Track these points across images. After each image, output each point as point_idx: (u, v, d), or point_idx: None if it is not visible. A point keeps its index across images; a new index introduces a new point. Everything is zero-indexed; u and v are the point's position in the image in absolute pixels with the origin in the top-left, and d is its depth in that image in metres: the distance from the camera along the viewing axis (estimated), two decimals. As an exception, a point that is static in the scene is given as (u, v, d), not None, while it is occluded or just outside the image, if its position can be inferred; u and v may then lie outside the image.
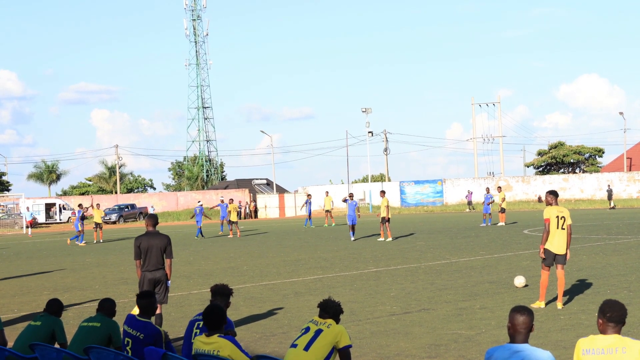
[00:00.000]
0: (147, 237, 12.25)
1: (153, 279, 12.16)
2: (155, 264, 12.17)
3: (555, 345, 10.51)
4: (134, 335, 8.58)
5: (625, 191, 73.16)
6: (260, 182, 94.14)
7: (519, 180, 78.54)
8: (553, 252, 14.04)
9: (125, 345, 8.59)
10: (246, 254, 28.01)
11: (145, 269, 12.17)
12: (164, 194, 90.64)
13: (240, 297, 16.39)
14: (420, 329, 12.21)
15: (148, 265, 12.16)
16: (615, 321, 6.21)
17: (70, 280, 21.50)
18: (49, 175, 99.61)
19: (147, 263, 12.16)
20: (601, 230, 33.51)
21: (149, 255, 12.15)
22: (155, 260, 12.17)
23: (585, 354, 6.17)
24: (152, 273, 12.16)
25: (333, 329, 7.75)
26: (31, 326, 9.15)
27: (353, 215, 34.19)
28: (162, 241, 12.23)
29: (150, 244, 12.17)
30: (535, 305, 13.83)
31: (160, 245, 12.20)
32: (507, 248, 26.08)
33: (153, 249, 12.16)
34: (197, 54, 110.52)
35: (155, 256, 12.16)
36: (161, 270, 12.23)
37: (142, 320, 8.73)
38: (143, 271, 12.18)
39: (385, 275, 19.52)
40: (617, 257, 21.70)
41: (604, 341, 6.13)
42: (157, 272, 12.19)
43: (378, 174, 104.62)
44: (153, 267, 12.17)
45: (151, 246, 12.16)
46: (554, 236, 14.04)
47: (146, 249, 12.17)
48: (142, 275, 12.19)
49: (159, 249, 12.18)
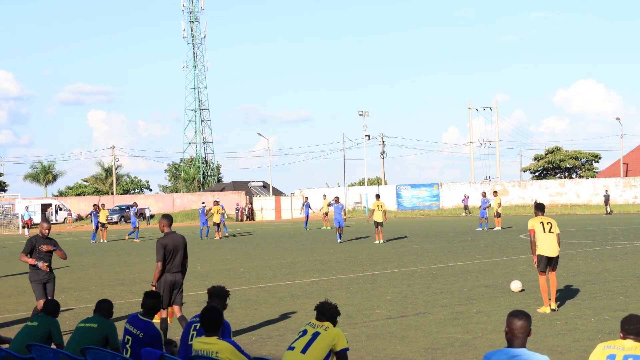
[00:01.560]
0: (172, 238, 11.83)
1: (173, 281, 11.79)
2: (177, 265, 11.82)
3: (551, 350, 10.53)
4: (134, 334, 8.61)
5: (622, 197, 73.22)
6: (256, 184, 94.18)
7: (515, 185, 78.60)
8: (546, 256, 14.12)
9: (125, 343, 8.62)
10: (242, 256, 28.00)
11: (167, 270, 11.76)
12: (161, 196, 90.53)
13: (237, 300, 16.40)
14: (416, 333, 12.22)
15: (171, 267, 11.77)
16: (634, 334, 6.43)
17: (66, 281, 21.47)
18: (45, 175, 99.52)
19: (171, 265, 11.77)
20: (597, 236, 33.56)
21: (173, 257, 11.78)
22: (178, 261, 11.83)
23: (605, 349, 6.42)
24: (173, 275, 11.78)
25: (330, 332, 7.75)
26: (28, 327, 9.16)
27: (339, 218, 35.70)
28: (183, 241, 11.93)
29: (176, 244, 11.80)
30: (541, 311, 13.87)
31: (183, 245, 11.91)
32: (504, 252, 26.10)
33: (179, 250, 11.82)
34: (194, 56, 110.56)
35: (179, 257, 11.83)
36: (180, 274, 11.88)
37: (144, 319, 8.79)
38: (165, 273, 11.77)
39: (381, 279, 19.53)
40: (614, 262, 21.73)
41: (626, 343, 6.40)
42: (177, 275, 11.84)
43: (374, 177, 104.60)
44: (175, 269, 11.79)
45: (177, 247, 11.80)
46: (543, 241, 14.13)
47: (172, 250, 11.75)
48: (162, 277, 11.75)
49: (182, 249, 11.88)
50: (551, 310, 13.90)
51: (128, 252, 32.97)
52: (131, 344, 8.57)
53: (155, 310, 8.97)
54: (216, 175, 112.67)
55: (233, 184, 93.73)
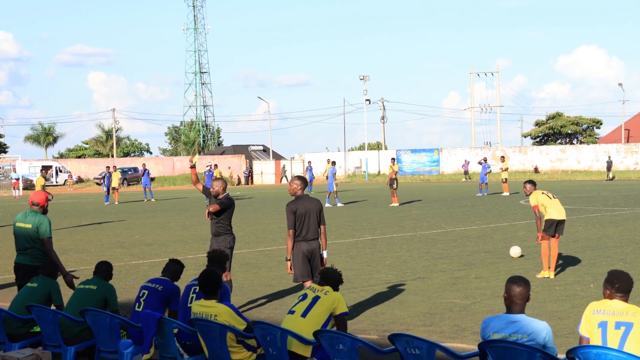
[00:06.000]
0: (302, 202, 10.64)
1: (310, 249, 10.64)
2: (314, 232, 10.65)
3: (550, 316, 10.55)
4: (152, 288, 8.73)
5: (623, 163, 73.15)
6: (256, 148, 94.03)
7: (515, 151, 78.48)
8: (556, 219, 14.07)
9: (140, 297, 8.67)
10: (242, 220, 28.01)
11: (302, 238, 10.59)
12: (161, 159, 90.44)
13: (236, 263, 16.40)
14: (415, 298, 12.24)
15: (306, 235, 10.59)
16: (623, 291, 6.34)
17: (66, 242, 21.49)
18: (46, 137, 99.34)
19: (306, 232, 10.58)
20: (598, 202, 33.54)
21: (306, 223, 10.59)
22: (314, 228, 10.64)
23: (596, 313, 6.31)
24: (308, 243, 10.64)
25: (330, 296, 7.76)
26: (28, 288, 9.16)
27: (331, 181, 36.67)
28: (318, 205, 10.74)
29: (308, 209, 10.60)
30: (540, 276, 13.89)
31: (317, 210, 10.70)
32: (503, 218, 26.11)
33: (311, 215, 10.59)
34: (195, 19, 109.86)
35: (313, 223, 10.63)
36: (317, 241, 10.70)
37: (164, 278, 8.93)
38: (300, 241, 10.62)
39: (381, 244, 19.55)
40: (614, 228, 21.74)
41: (615, 305, 6.29)
42: (313, 243, 10.69)
43: (375, 142, 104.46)
44: (312, 236, 10.63)
45: (308, 211, 10.58)
46: (551, 207, 14.12)
47: (302, 215, 10.55)
48: (296, 245, 10.61)
49: (316, 214, 10.65)
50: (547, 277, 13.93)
51: (128, 214, 32.98)
52: (146, 297, 8.64)
53: (177, 275, 9.06)
54: (216, 138, 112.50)
55: (233, 147, 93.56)
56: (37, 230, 9.96)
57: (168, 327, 7.70)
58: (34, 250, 10.01)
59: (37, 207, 10.19)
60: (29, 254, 10.02)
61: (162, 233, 23.85)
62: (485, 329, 6.38)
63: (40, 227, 9.97)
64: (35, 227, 9.97)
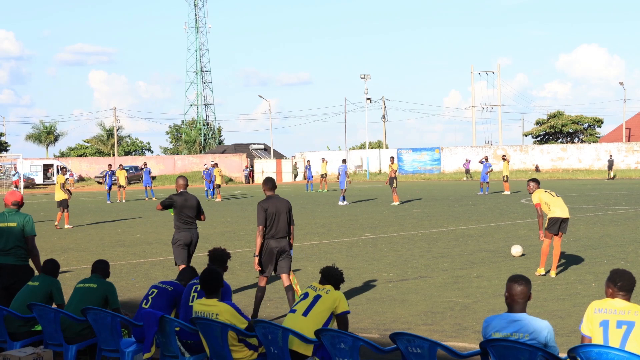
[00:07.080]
0: (273, 202, 10.90)
1: (277, 247, 10.87)
2: (282, 230, 10.90)
3: (551, 315, 10.55)
4: (162, 288, 8.79)
5: (624, 162, 73.09)
6: (257, 147, 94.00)
7: (517, 150, 78.43)
8: (560, 217, 14.05)
9: (149, 295, 8.71)
10: (243, 219, 28.02)
11: (271, 236, 10.85)
12: (162, 157, 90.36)
13: (237, 262, 16.43)
14: (416, 297, 12.23)
15: (275, 233, 10.85)
16: (625, 290, 6.33)
17: (67, 241, 21.50)
18: (47, 136, 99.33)
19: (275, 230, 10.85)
20: (599, 201, 33.53)
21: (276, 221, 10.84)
22: (283, 226, 10.90)
23: (598, 312, 6.30)
24: (277, 241, 10.90)
25: (332, 295, 7.76)
26: (29, 286, 9.16)
27: (342, 179, 36.17)
28: (287, 205, 11.00)
29: (278, 208, 10.87)
30: (537, 273, 13.89)
31: (287, 210, 10.95)
32: (504, 217, 26.10)
33: (281, 214, 10.89)
34: (196, 17, 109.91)
35: (283, 222, 10.88)
36: (286, 239, 10.94)
37: (176, 281, 9.02)
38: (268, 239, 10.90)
39: (382, 242, 19.54)
40: (615, 227, 21.73)
41: (617, 304, 6.27)
42: (282, 241, 10.93)
43: (376, 141, 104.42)
44: (280, 234, 10.87)
45: (279, 210, 10.87)
46: (555, 205, 14.10)
47: (273, 214, 10.81)
48: (265, 242, 10.88)
49: (285, 214, 10.91)
50: (546, 273, 13.92)
51: (129, 212, 32.98)
52: (155, 295, 8.69)
53: (188, 280, 9.05)
54: (217, 137, 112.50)
55: (234, 146, 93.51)
56: (23, 228, 9.99)
57: (169, 325, 7.70)
58: (18, 249, 9.99)
59: (17, 206, 10.23)
60: (14, 253, 9.99)
61: (163, 232, 23.85)
62: (486, 328, 6.38)
63: (27, 226, 10.04)
64: (21, 226, 10.00)
